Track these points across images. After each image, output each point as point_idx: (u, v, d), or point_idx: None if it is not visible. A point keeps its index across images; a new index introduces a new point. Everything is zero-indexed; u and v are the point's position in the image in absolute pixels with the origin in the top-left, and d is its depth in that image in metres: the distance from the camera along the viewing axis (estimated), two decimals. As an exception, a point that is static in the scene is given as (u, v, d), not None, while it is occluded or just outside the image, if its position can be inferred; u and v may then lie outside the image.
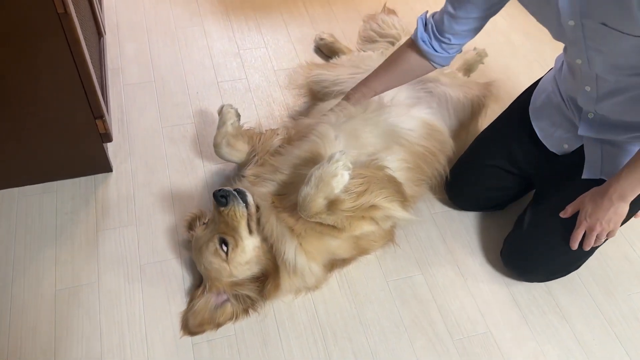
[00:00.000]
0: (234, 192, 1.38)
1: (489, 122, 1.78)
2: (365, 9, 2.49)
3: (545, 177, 1.61)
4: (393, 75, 1.61)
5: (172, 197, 1.75)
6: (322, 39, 2.26)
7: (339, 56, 2.12)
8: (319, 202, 1.29)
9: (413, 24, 1.56)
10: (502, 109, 1.78)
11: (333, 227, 1.36)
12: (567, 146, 1.54)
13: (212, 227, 1.42)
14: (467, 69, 2.14)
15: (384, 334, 1.49)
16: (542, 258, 1.54)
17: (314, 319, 1.51)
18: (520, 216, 1.66)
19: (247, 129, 1.73)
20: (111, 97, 2.00)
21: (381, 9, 2.28)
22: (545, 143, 1.58)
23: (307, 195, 1.28)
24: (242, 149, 1.68)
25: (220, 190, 1.37)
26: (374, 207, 1.35)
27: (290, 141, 1.60)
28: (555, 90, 1.55)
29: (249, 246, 1.39)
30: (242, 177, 1.57)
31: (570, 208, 1.43)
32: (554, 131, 1.56)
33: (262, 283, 1.42)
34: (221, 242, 1.38)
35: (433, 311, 1.55)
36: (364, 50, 2.04)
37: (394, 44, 2.04)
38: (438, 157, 1.63)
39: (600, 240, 1.38)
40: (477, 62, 2.15)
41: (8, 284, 1.51)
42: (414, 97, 1.70)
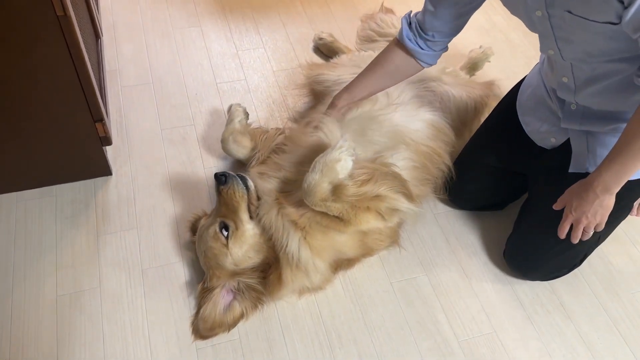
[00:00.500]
0: (234, 174, 1.45)
1: (488, 121, 1.78)
2: (363, 8, 2.48)
3: (537, 173, 1.59)
4: (379, 77, 1.59)
5: (173, 200, 1.74)
6: (321, 39, 2.25)
7: (338, 56, 2.11)
8: (324, 186, 1.31)
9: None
10: (502, 108, 1.78)
11: (338, 220, 1.36)
12: (554, 140, 1.51)
13: (214, 214, 1.46)
14: (472, 67, 2.14)
15: (389, 335, 1.48)
16: (541, 257, 1.54)
17: (318, 322, 1.50)
18: (518, 215, 1.66)
19: (254, 128, 1.78)
20: (109, 100, 1.98)
21: (379, 8, 2.27)
22: (533, 138, 1.57)
23: (312, 181, 1.31)
24: (247, 146, 1.74)
25: (221, 171, 1.45)
26: (378, 197, 1.35)
27: (293, 140, 1.60)
28: (540, 84, 1.54)
29: (250, 231, 1.41)
30: (247, 173, 1.57)
31: (559, 201, 1.39)
32: (540, 125, 1.54)
33: (264, 275, 1.42)
34: (222, 227, 1.41)
35: (438, 312, 1.54)
36: (364, 50, 2.03)
37: (393, 43, 2.03)
38: (443, 158, 1.63)
39: (587, 233, 1.37)
40: (483, 60, 2.15)
41: (8, 290, 1.49)
42: (418, 97, 1.70)
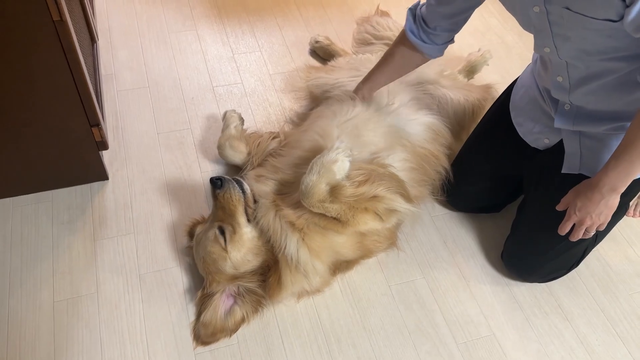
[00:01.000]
0: (229, 178, 1.45)
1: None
2: (359, 11, 2.48)
3: (531, 174, 1.58)
4: (393, 68, 1.62)
5: (170, 204, 1.73)
6: (317, 42, 2.25)
7: (335, 59, 2.11)
8: (322, 188, 1.32)
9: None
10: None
11: (336, 222, 1.36)
12: (547, 141, 1.51)
13: (211, 219, 1.47)
14: (471, 71, 2.14)
15: (388, 339, 1.48)
16: (539, 258, 1.54)
17: (317, 326, 1.49)
18: (515, 217, 1.66)
19: (250, 133, 1.79)
20: (106, 104, 1.97)
21: (375, 10, 2.27)
22: (526, 139, 1.56)
23: (309, 182, 1.32)
24: (244, 151, 1.75)
25: (216, 176, 1.45)
26: (376, 198, 1.36)
27: (289, 143, 1.60)
28: (533, 85, 1.53)
29: (248, 234, 1.41)
30: (244, 177, 1.57)
31: (563, 202, 1.38)
32: (533, 126, 1.53)
33: (264, 278, 1.42)
34: (220, 231, 1.41)
35: (436, 315, 1.54)
36: (361, 53, 2.03)
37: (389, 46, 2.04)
38: (441, 160, 1.63)
39: (589, 233, 1.37)
40: (482, 64, 2.15)
41: (5, 297, 1.48)
42: (416, 100, 1.70)
